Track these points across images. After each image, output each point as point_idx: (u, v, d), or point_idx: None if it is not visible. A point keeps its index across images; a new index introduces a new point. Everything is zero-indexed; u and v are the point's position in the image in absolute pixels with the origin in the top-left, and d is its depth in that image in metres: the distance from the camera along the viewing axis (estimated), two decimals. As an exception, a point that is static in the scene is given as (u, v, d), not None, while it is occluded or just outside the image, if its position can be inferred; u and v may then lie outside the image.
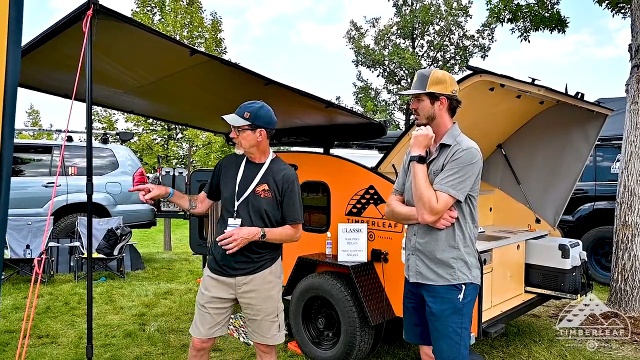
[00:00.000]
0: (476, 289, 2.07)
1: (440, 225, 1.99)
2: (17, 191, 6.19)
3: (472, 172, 1.96)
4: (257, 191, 2.28)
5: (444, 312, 1.98)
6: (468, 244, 2.03)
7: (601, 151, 5.79)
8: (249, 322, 2.37)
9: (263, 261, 2.32)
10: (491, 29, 23.12)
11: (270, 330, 2.34)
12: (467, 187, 1.97)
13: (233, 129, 2.28)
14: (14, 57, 1.71)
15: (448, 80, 2.05)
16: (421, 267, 2.06)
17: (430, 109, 2.05)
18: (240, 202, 2.28)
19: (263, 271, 2.32)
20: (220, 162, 2.44)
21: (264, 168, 2.32)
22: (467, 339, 2.02)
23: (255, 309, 2.32)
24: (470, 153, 1.97)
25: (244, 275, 2.29)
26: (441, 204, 1.94)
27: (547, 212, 4.17)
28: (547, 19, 5.92)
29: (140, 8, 17.52)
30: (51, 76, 3.05)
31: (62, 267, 6.27)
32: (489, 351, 3.58)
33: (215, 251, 2.32)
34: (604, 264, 5.75)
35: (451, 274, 1.99)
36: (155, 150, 18.29)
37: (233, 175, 2.33)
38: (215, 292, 2.31)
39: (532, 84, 3.15)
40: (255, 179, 2.29)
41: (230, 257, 2.25)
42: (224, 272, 2.31)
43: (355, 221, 3.39)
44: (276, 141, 4.43)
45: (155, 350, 3.59)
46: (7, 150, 1.71)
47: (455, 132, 2.07)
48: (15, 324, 4.16)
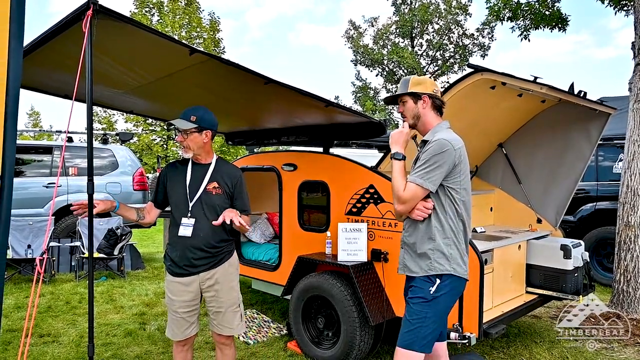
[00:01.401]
0: (459, 281, 2.09)
1: (416, 216, 2.08)
2: (19, 192, 6.21)
3: (441, 162, 2.02)
4: (209, 189, 2.42)
5: (412, 299, 2.08)
6: (448, 236, 2.07)
7: (603, 151, 5.77)
8: (213, 315, 2.48)
9: (222, 254, 2.45)
10: (491, 28, 23.06)
11: (234, 320, 2.48)
12: (436, 177, 2.04)
13: (180, 134, 2.41)
14: (16, 59, 1.72)
15: (428, 82, 2.19)
16: (407, 259, 2.16)
17: (414, 108, 2.18)
18: (194, 202, 2.40)
19: (224, 264, 2.46)
20: (163, 172, 2.56)
21: (212, 167, 2.48)
22: (426, 330, 2.02)
23: (219, 301, 2.45)
24: (438, 143, 2.05)
25: (206, 270, 2.42)
26: (408, 193, 2.04)
27: (548, 212, 4.16)
28: (548, 17, 5.90)
29: (138, 9, 17.54)
30: (51, 77, 3.05)
31: (63, 266, 6.28)
32: (490, 352, 3.57)
33: (173, 254, 2.42)
34: (605, 265, 5.72)
35: (428, 265, 2.07)
36: (154, 150, 18.29)
37: (180, 180, 2.46)
38: (183, 296, 2.42)
39: (534, 82, 3.14)
40: (205, 178, 2.44)
41: (190, 256, 2.37)
42: (187, 272, 2.40)
43: (355, 221, 3.39)
44: (275, 140, 4.42)
45: (155, 349, 3.59)
46: (9, 151, 1.72)
47: (439, 129, 2.16)
48: (17, 323, 4.17)
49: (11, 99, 1.72)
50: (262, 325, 4.04)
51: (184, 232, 2.39)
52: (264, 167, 4.14)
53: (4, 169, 1.72)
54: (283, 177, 3.94)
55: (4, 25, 1.70)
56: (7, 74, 1.70)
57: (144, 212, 2.56)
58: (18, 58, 1.73)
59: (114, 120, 19.08)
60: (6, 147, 1.72)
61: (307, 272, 3.53)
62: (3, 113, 1.71)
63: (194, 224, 2.38)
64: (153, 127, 18.88)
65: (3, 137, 1.71)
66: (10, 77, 1.71)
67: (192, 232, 2.37)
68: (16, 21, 1.72)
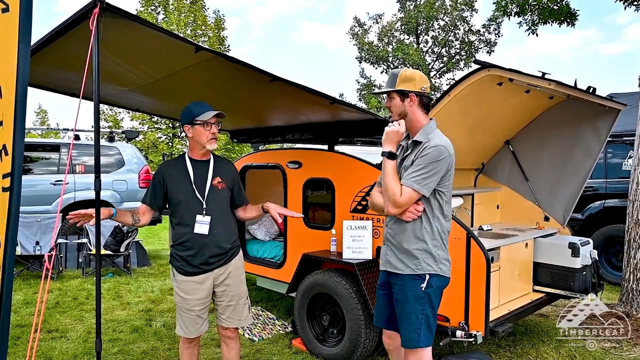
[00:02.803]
0: (443, 280, 2.15)
1: (407, 218, 2.10)
2: (27, 189, 6.27)
3: (438, 169, 2.06)
4: (215, 184, 2.44)
5: (408, 299, 2.10)
6: (436, 237, 2.12)
7: (612, 147, 5.70)
8: (222, 309, 2.49)
9: (233, 249, 2.48)
10: (497, 24, 22.85)
11: (243, 312, 2.52)
12: (432, 183, 2.06)
13: (212, 126, 2.40)
14: (24, 57, 1.73)
15: (417, 77, 2.13)
16: (390, 256, 2.18)
17: (400, 106, 2.15)
18: (206, 199, 2.39)
19: (235, 258, 2.49)
20: (158, 174, 2.47)
21: (212, 163, 2.48)
22: (426, 326, 2.10)
23: (231, 295, 2.47)
24: (437, 150, 2.06)
25: (220, 266, 2.43)
26: (404, 198, 2.05)
27: (556, 210, 4.12)
28: (556, 12, 5.82)
29: (144, 7, 17.62)
30: (59, 75, 3.07)
31: (70, 263, 6.35)
32: (496, 351, 3.55)
33: (185, 254, 2.39)
34: (614, 264, 5.67)
35: (415, 264, 2.10)
36: (160, 148, 18.39)
37: (184, 178, 2.42)
38: (197, 294, 2.41)
39: (542, 78, 3.10)
40: (208, 174, 2.44)
41: (208, 254, 2.38)
42: (202, 270, 2.40)
43: (360, 218, 3.38)
44: (280, 138, 4.42)
45: (161, 346, 3.61)
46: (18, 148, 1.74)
47: (429, 129, 2.15)
48: (26, 319, 4.22)
49: (19, 97, 1.73)
50: (267, 323, 4.06)
51: (200, 230, 2.36)
52: (269, 165, 4.15)
53: (13, 167, 1.74)
54: (288, 174, 3.94)
55: (13, 24, 1.71)
56: (16, 73, 1.72)
57: (138, 214, 2.52)
58: (26, 56, 1.74)
59: (120, 118, 19.22)
60: (15, 144, 1.73)
61: (312, 269, 3.53)
62: (12, 111, 1.72)
63: (209, 221, 2.36)
64: (159, 125, 18.99)
65: (12, 134, 1.73)
66: (18, 75, 1.73)
67: (208, 230, 2.36)
68: (24, 20, 1.73)
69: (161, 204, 2.51)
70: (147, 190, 2.54)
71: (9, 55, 1.71)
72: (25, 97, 1.76)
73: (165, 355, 3.44)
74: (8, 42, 1.70)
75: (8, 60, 1.71)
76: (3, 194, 1.72)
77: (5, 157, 1.72)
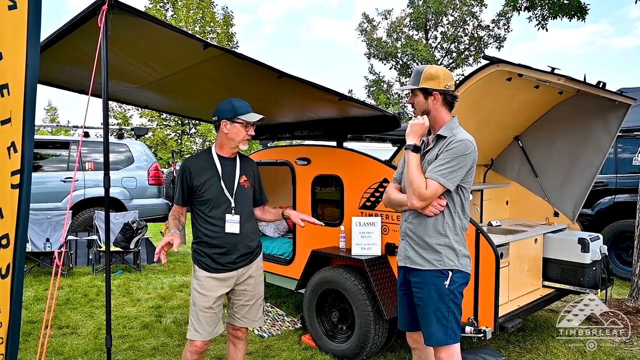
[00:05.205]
0: (465, 277, 2.12)
1: (429, 212, 2.07)
2: (37, 186, 6.33)
3: (464, 163, 2.03)
4: (242, 183, 2.41)
5: (431, 297, 2.06)
6: (458, 233, 2.10)
7: (622, 142, 5.63)
8: (238, 309, 2.45)
9: (257, 249, 2.47)
10: (507, 19, 22.59)
11: (258, 313, 2.50)
12: (458, 177, 2.03)
13: (249, 126, 2.36)
14: (34, 54, 1.74)
15: (441, 75, 2.10)
16: (410, 251, 2.14)
17: (424, 103, 2.13)
18: (235, 197, 2.36)
19: (257, 258, 2.48)
20: (185, 169, 2.34)
21: (238, 160, 2.45)
22: (454, 323, 2.07)
23: (250, 295, 2.45)
24: (464, 144, 2.04)
25: (245, 265, 2.41)
26: (430, 191, 2.02)
27: (565, 205, 4.08)
28: (566, 6, 5.74)
29: (153, 4, 17.68)
30: (68, 72, 3.09)
31: (80, 260, 6.42)
32: (506, 346, 3.54)
33: (212, 251, 2.33)
34: (624, 259, 5.61)
35: (437, 260, 2.06)
36: (169, 145, 18.51)
37: (213, 175, 2.35)
38: (218, 291, 2.38)
39: (551, 73, 3.06)
40: (235, 172, 2.40)
41: (237, 253, 2.35)
42: (228, 268, 2.37)
43: (369, 215, 3.37)
44: (289, 135, 4.42)
45: (171, 342, 3.64)
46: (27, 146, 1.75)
47: (453, 125, 2.13)
48: (37, 315, 4.28)
49: (29, 94, 1.74)
50: (276, 319, 4.07)
51: (232, 229, 2.31)
52: (278, 162, 4.15)
53: (23, 164, 1.75)
54: (297, 171, 3.94)
55: (22, 21, 1.72)
56: (25, 70, 1.73)
57: (183, 217, 2.44)
58: (35, 54, 1.75)
59: (129, 115, 19.36)
60: (24, 141, 1.75)
61: (321, 266, 3.53)
62: (22, 108, 1.74)
63: (239, 220, 2.33)
64: (167, 122, 19.10)
65: (22, 132, 1.74)
66: (27, 72, 1.74)
67: (239, 229, 2.33)
68: (33, 17, 1.74)
69: (185, 200, 2.41)
70: (176, 191, 2.44)
71: (18, 53, 1.71)
72: (34, 94, 1.77)
73: (175, 351, 3.47)
74: (16, 40, 1.71)
75: (17, 57, 1.71)
76: (13, 190, 1.73)
77: (14, 154, 1.72)
